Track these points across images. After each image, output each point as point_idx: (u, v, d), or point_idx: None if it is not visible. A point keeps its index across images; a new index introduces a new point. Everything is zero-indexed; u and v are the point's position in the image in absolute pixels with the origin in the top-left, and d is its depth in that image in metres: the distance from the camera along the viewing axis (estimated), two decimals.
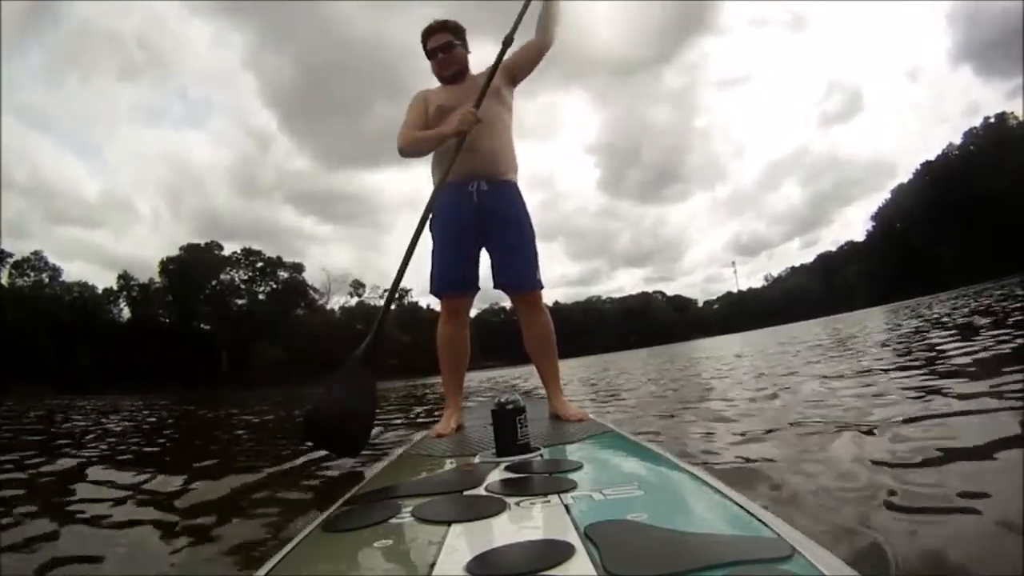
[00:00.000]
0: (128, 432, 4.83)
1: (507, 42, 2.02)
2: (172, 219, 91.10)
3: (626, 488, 0.88)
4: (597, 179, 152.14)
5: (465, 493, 0.94)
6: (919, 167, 54.72)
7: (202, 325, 51.01)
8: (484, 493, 0.93)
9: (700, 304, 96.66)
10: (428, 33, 2.10)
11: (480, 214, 1.99)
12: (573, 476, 0.97)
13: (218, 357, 46.39)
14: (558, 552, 0.61)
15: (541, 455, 1.24)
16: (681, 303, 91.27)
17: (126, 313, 50.40)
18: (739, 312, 78.68)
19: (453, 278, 2.05)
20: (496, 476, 1.04)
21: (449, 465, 1.30)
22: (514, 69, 2.09)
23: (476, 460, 1.26)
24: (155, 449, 3.47)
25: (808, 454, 1.64)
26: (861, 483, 1.30)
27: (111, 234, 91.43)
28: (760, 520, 0.71)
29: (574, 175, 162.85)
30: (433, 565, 0.61)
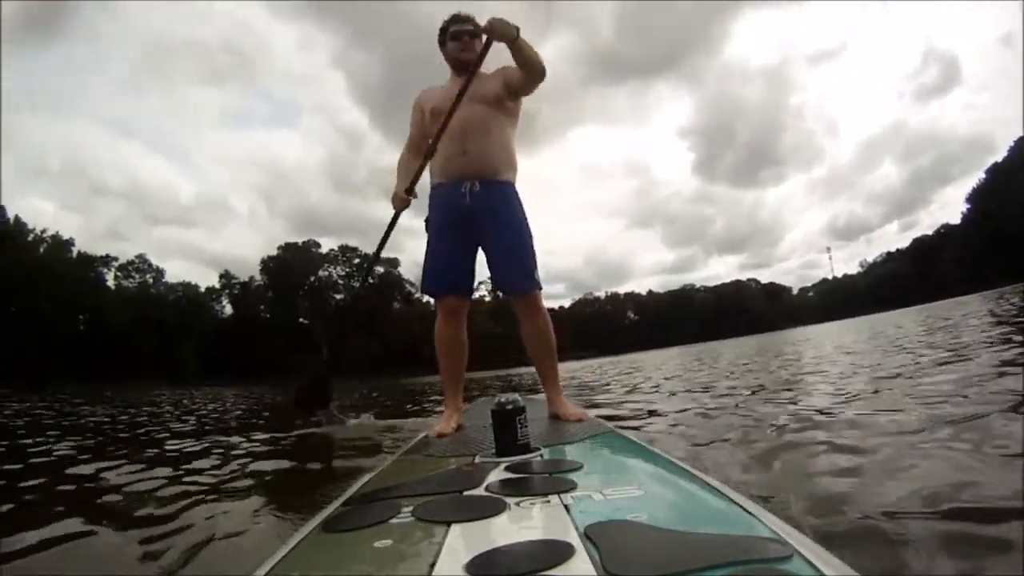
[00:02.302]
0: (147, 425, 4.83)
1: (473, 68, 2.04)
2: (268, 216, 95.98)
3: (626, 488, 0.87)
4: (692, 163, 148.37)
5: (465, 493, 0.94)
6: (1013, 143, 50.00)
7: (301, 320, 53.10)
8: (484, 493, 0.92)
9: (795, 292, 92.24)
10: (454, 20, 2.12)
11: (472, 214, 1.99)
12: (573, 476, 0.96)
13: (318, 351, 46.61)
14: (558, 552, 0.61)
15: (541, 455, 1.24)
16: (775, 291, 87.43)
17: (228, 310, 53.22)
18: (834, 300, 75.13)
19: (444, 279, 2.05)
20: (496, 476, 1.04)
21: (449, 465, 1.30)
22: (510, 84, 2.08)
23: (476, 460, 1.26)
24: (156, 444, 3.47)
25: None
26: None
27: (206, 233, 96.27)
28: (760, 520, 0.71)
29: (668, 160, 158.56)
30: (433, 565, 0.61)
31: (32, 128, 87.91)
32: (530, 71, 2.01)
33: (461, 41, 2.09)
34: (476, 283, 2.21)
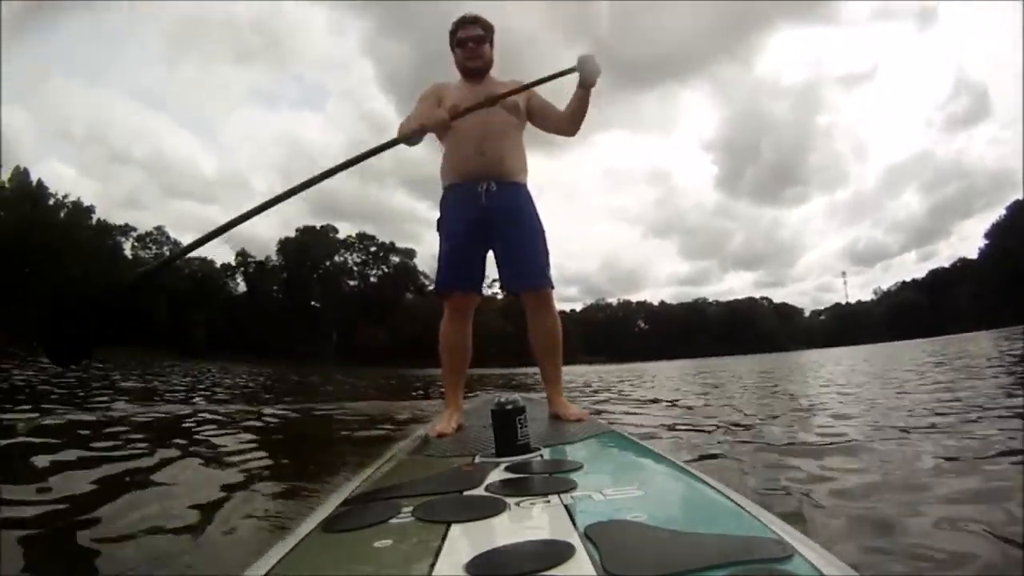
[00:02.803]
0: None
1: (528, 85, 2.01)
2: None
3: (626, 488, 0.87)
4: (715, 176, 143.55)
5: (465, 493, 0.94)
6: None
7: (313, 303, 53.91)
8: (484, 493, 0.92)
9: (807, 314, 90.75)
10: (461, 23, 2.10)
11: (487, 214, 2.00)
12: (573, 476, 0.96)
13: (328, 335, 49.37)
14: (558, 552, 0.61)
15: (541, 455, 1.24)
16: (786, 311, 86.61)
17: (242, 287, 53.97)
18: (844, 326, 74.23)
19: (458, 276, 2.05)
20: (496, 476, 1.04)
21: (449, 465, 1.30)
22: (533, 110, 2.10)
23: (476, 460, 1.26)
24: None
25: None
26: None
27: (225, 209, 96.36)
28: (760, 520, 0.71)
29: (691, 171, 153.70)
30: (433, 565, 0.61)
31: (62, 93, 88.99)
32: (576, 124, 2.06)
33: (466, 48, 2.08)
34: (487, 283, 2.19)
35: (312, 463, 2.64)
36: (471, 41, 2.07)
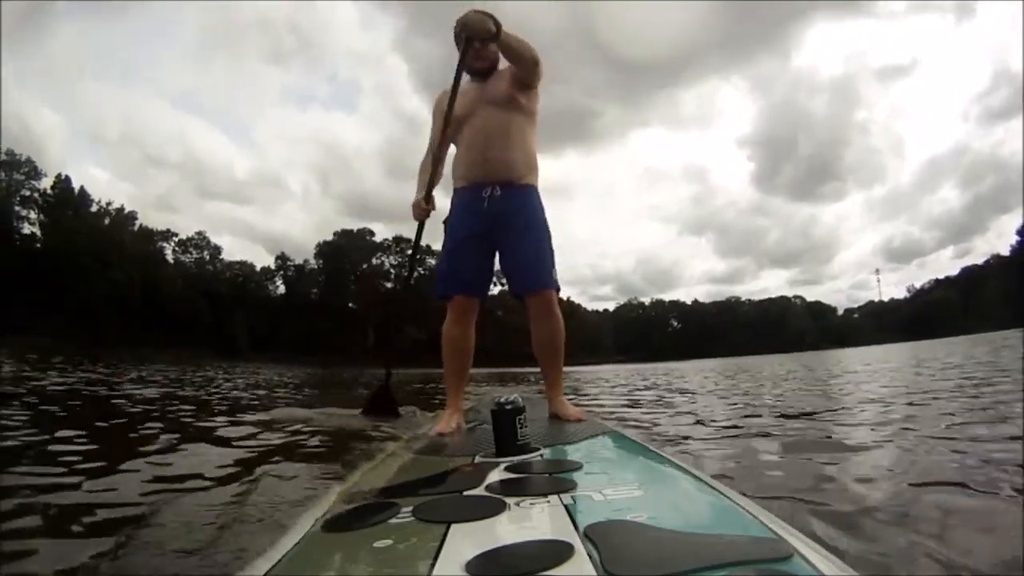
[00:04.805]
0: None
1: (458, 72, 2.04)
2: (321, 197, 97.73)
3: (626, 488, 0.87)
4: (751, 172, 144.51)
5: (465, 493, 0.94)
6: None
7: (350, 304, 56.26)
8: (484, 493, 0.92)
9: (840, 312, 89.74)
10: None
11: (492, 219, 1.99)
12: (573, 476, 0.97)
13: (365, 335, 51.04)
14: (558, 552, 0.61)
15: (541, 455, 1.24)
16: (819, 310, 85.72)
17: (281, 290, 56.70)
18: (878, 324, 73.50)
19: (458, 279, 2.05)
20: (496, 476, 1.04)
21: (449, 465, 1.30)
22: (515, 79, 2.07)
23: (476, 460, 1.26)
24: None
25: None
26: None
27: (260, 210, 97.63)
28: (760, 520, 0.71)
29: (727, 169, 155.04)
30: (433, 565, 0.61)
31: (96, 96, 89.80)
32: (521, 65, 2.00)
33: (473, 51, 2.06)
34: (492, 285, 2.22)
35: (318, 460, 2.64)
36: (478, 41, 2.07)
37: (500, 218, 2.00)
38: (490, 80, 2.10)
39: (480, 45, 2.05)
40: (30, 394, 4.91)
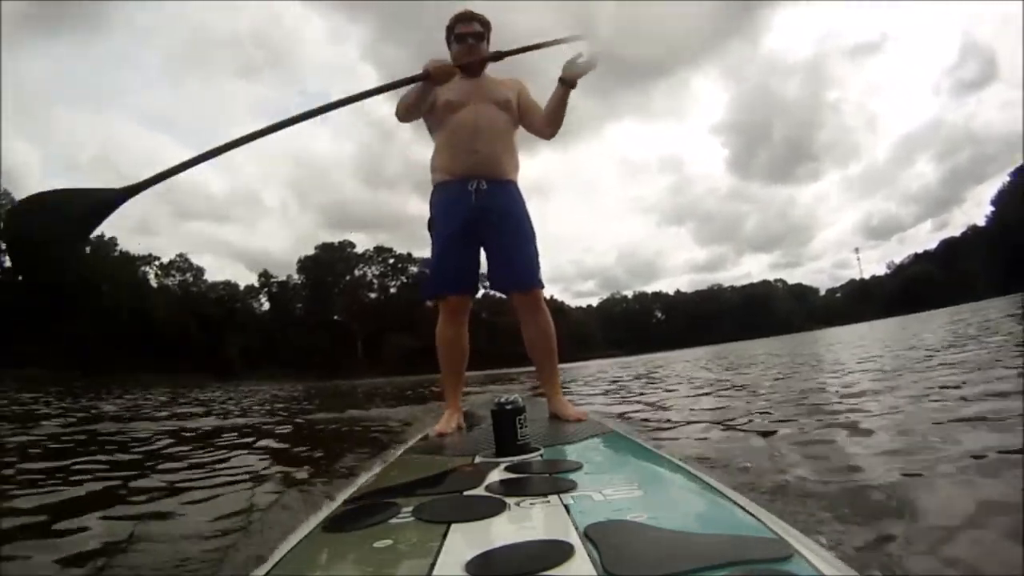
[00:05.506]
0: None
1: (515, 51, 1.99)
2: (300, 211, 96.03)
3: (626, 488, 0.87)
4: (726, 159, 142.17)
5: (465, 493, 0.94)
6: None
7: (336, 317, 56.16)
8: (484, 493, 0.92)
9: (822, 293, 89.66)
10: (459, 19, 2.09)
11: (478, 212, 1.99)
12: (573, 476, 0.97)
13: (354, 346, 51.79)
14: (558, 552, 0.61)
15: (541, 455, 1.24)
16: (801, 292, 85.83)
17: (266, 306, 56.62)
18: (860, 301, 72.82)
19: (453, 278, 2.04)
20: (496, 476, 1.04)
21: (449, 465, 1.30)
22: (522, 107, 2.11)
23: (476, 460, 1.26)
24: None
25: None
26: None
27: (239, 228, 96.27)
28: (760, 520, 0.71)
29: (703, 157, 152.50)
30: (433, 565, 0.61)
31: (66, 122, 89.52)
32: (554, 126, 2.07)
33: (465, 44, 2.07)
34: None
35: (313, 464, 2.64)
36: (470, 37, 2.07)
37: (488, 212, 1.99)
38: (485, 79, 2.10)
39: (474, 43, 2.06)
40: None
